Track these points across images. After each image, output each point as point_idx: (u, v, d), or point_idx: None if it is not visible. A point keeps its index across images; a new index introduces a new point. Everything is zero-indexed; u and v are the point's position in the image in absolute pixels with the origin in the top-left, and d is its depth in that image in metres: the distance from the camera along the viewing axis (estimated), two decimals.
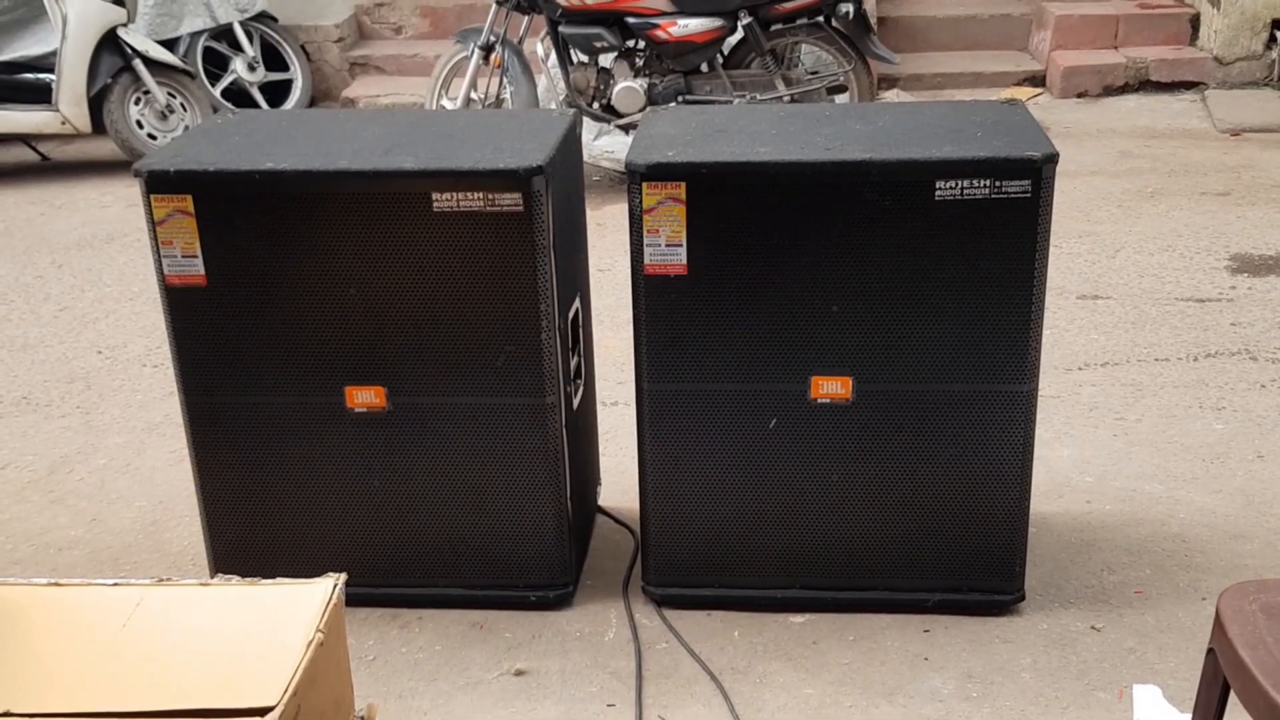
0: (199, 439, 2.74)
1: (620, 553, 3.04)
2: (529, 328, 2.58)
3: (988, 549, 2.70)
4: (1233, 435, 3.52)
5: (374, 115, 3.02)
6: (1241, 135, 6.44)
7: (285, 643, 1.73)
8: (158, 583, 1.89)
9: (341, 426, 2.68)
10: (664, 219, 2.49)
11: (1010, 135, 2.54)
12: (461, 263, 2.54)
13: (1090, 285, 4.61)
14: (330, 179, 2.50)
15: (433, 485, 2.72)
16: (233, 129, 2.81)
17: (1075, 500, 3.22)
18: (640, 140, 2.62)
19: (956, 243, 2.47)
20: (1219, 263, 4.77)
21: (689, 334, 2.58)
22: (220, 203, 2.54)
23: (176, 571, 3.01)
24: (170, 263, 2.58)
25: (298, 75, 7.57)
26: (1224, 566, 2.91)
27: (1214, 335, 4.16)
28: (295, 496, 2.76)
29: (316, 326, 2.61)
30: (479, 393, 2.64)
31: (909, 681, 2.58)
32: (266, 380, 2.66)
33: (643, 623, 2.78)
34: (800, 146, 2.54)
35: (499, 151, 2.55)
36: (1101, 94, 7.24)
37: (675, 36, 5.76)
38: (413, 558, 2.80)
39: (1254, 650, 1.72)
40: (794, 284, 2.52)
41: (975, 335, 2.53)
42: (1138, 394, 3.78)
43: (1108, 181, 5.78)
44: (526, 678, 2.63)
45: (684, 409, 2.64)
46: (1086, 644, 2.67)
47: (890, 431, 2.62)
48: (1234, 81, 7.19)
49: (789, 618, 2.77)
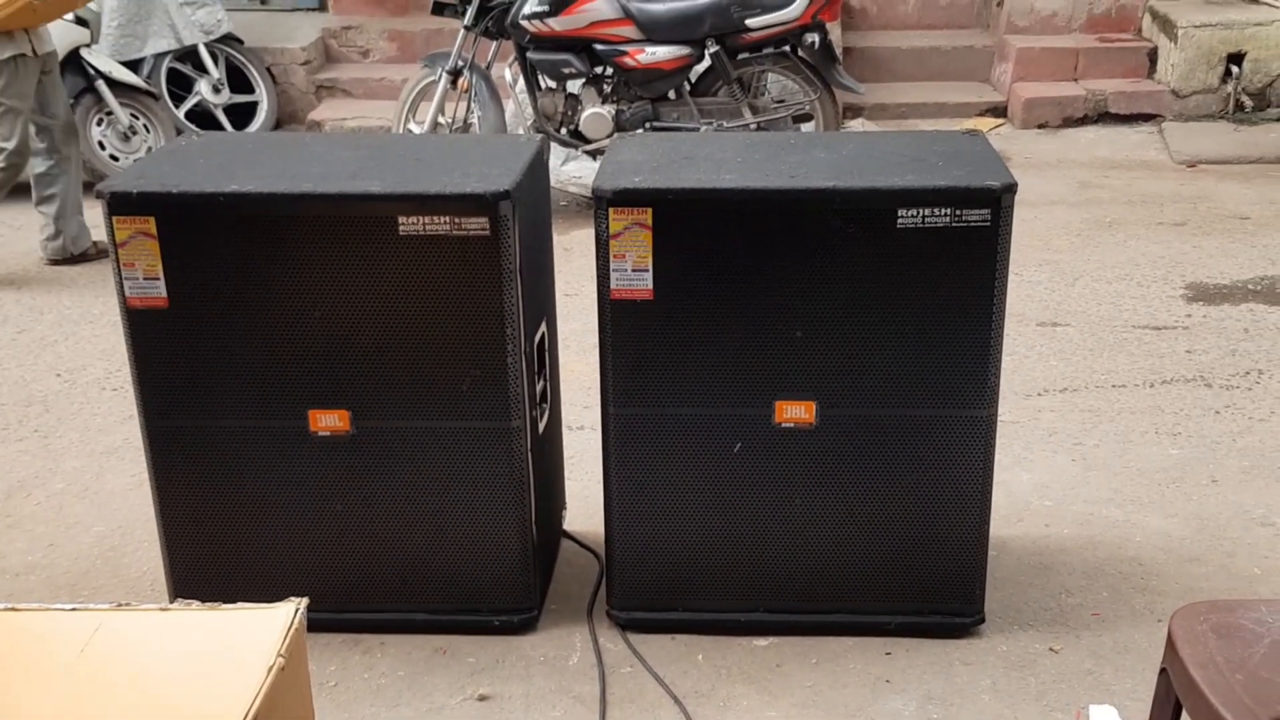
0: (159, 463, 2.71)
1: (585, 577, 3.04)
2: (495, 352, 2.58)
3: (948, 572, 2.73)
4: (1187, 460, 3.57)
5: (340, 139, 3.03)
6: (1198, 167, 6.55)
7: (245, 668, 1.71)
8: (116, 608, 1.87)
9: (304, 450, 2.67)
10: (630, 244, 2.51)
11: (971, 165, 2.58)
12: (427, 287, 2.54)
13: (1049, 312, 4.66)
14: (295, 202, 2.50)
15: (396, 509, 2.72)
16: (197, 151, 2.81)
17: (1034, 524, 3.25)
18: (607, 166, 2.64)
19: (918, 270, 2.50)
20: (1175, 291, 4.84)
21: (654, 358, 2.59)
22: (183, 225, 2.53)
23: (135, 597, 2.98)
24: (132, 285, 2.56)
25: (263, 98, 7.54)
26: (1179, 589, 2.95)
27: (1169, 362, 4.22)
28: (256, 521, 2.74)
29: (280, 350, 2.60)
30: (444, 416, 2.64)
31: (871, 704, 2.59)
32: (228, 404, 2.65)
33: (607, 647, 2.79)
34: (765, 174, 2.57)
35: (466, 176, 2.56)
36: (1062, 125, 7.34)
37: (643, 64, 5.80)
38: (376, 582, 2.79)
39: (1205, 670, 1.75)
40: (758, 309, 2.55)
41: (936, 361, 2.56)
42: (1095, 420, 3.83)
43: (1067, 211, 5.86)
44: (490, 703, 2.62)
45: (649, 433, 2.65)
46: (1045, 666, 2.70)
47: (853, 456, 2.64)
48: (1190, 114, 7.31)
49: (753, 641, 2.78)
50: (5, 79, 4.91)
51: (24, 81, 5.00)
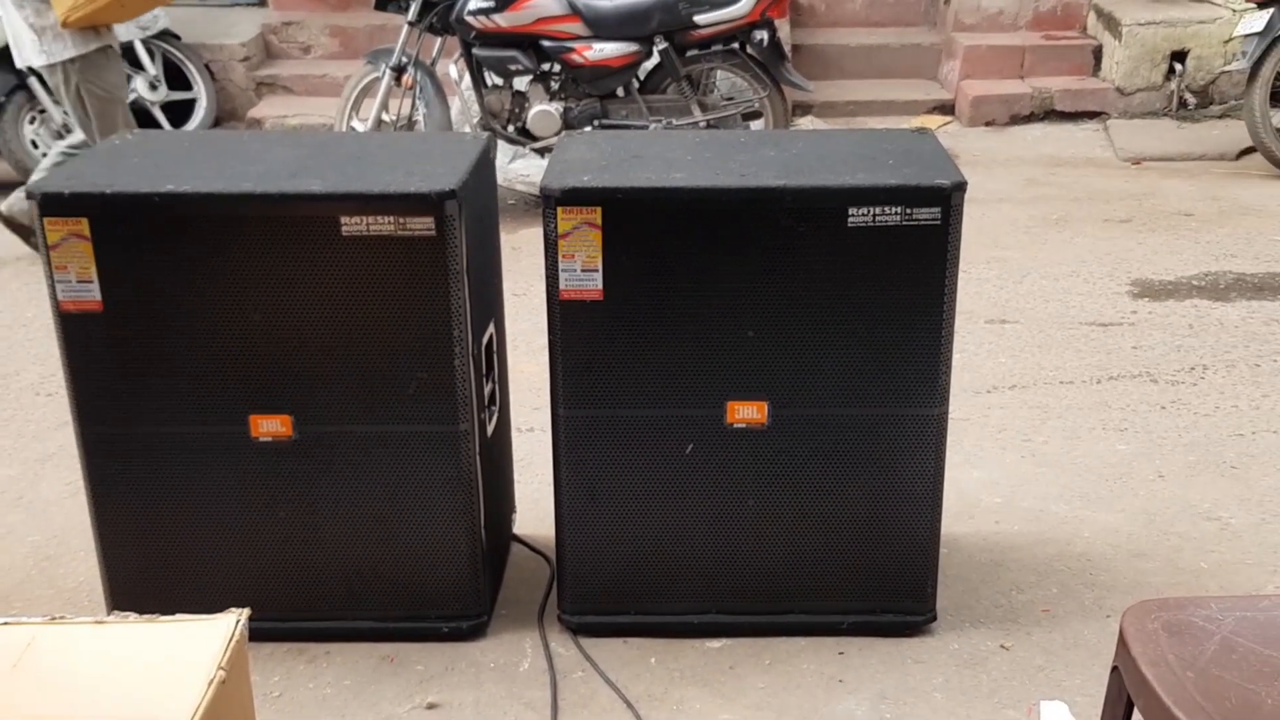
0: (95, 470, 2.65)
1: (536, 581, 3.01)
2: (442, 354, 2.54)
3: (900, 571, 2.72)
4: (1135, 455, 3.59)
5: (281, 136, 2.97)
6: (1142, 164, 6.62)
7: (185, 682, 1.67)
8: (50, 621, 1.83)
9: (246, 456, 2.61)
10: (579, 244, 2.47)
11: (920, 163, 2.57)
12: (372, 288, 2.50)
13: (998, 310, 4.69)
14: (234, 202, 2.44)
15: (342, 516, 2.67)
16: (132, 150, 2.74)
17: (985, 521, 3.26)
18: (555, 164, 2.61)
19: (868, 268, 2.49)
20: (1121, 288, 4.88)
21: (605, 359, 2.56)
22: (118, 226, 2.46)
23: (72, 608, 2.91)
24: (64, 288, 2.49)
25: (202, 95, 7.42)
26: (1127, 584, 2.97)
27: (1116, 358, 4.25)
28: (196, 529, 2.68)
29: (219, 354, 2.54)
30: (390, 420, 2.59)
31: (824, 704, 2.58)
32: (166, 409, 2.59)
33: (558, 652, 2.75)
34: (715, 172, 2.54)
35: (410, 175, 2.52)
36: (1009, 123, 7.40)
37: (591, 61, 5.77)
38: (321, 590, 2.73)
39: (1156, 668, 1.75)
40: (709, 309, 2.52)
41: (887, 359, 2.55)
42: (1044, 416, 3.85)
43: (1015, 209, 5.90)
44: (439, 711, 2.58)
45: (600, 435, 2.62)
46: (996, 663, 2.70)
47: (805, 456, 2.63)
48: (1135, 111, 7.39)
49: (706, 643, 2.76)
50: (97, 70, 4.84)
51: (116, 72, 4.97)
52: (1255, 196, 5.99)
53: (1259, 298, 4.75)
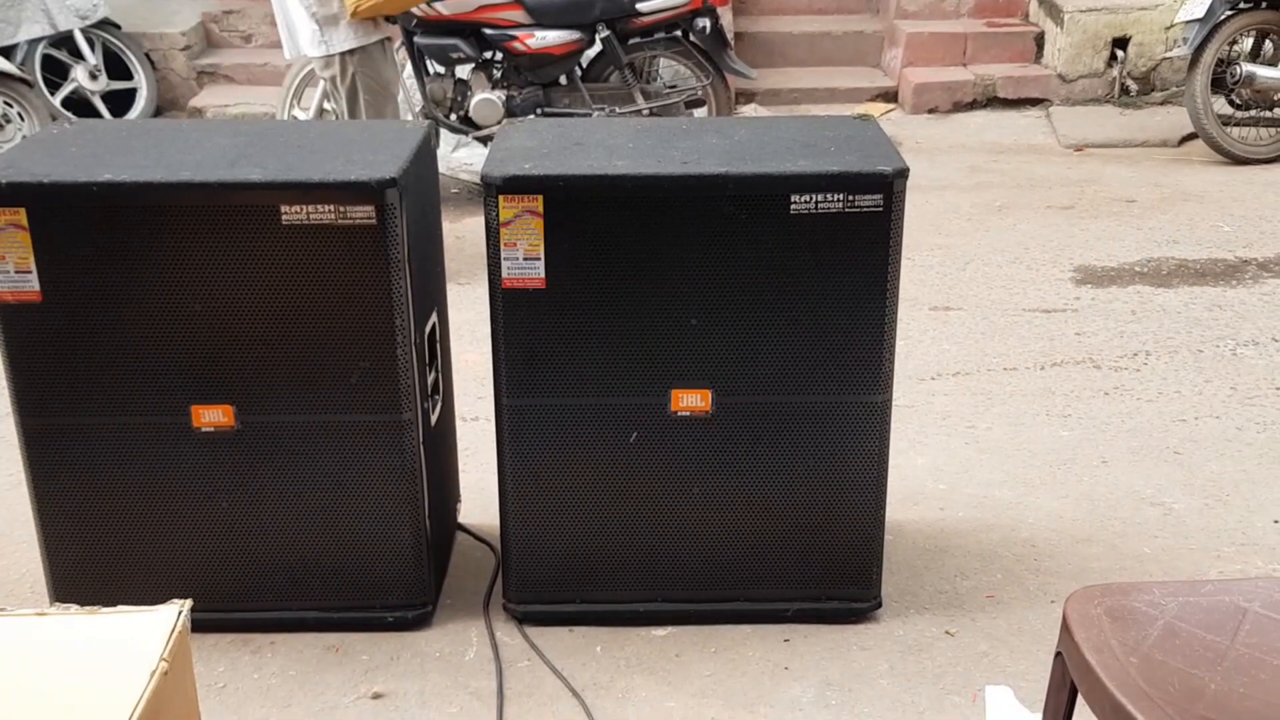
0: (35, 462, 2.61)
1: (481, 570, 3.00)
2: (384, 343, 2.53)
3: (845, 558, 2.74)
4: (1078, 442, 3.63)
5: (220, 125, 2.94)
6: (1084, 150, 6.69)
7: (127, 674, 1.66)
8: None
9: (187, 447, 2.59)
10: (521, 232, 2.46)
11: (863, 150, 2.58)
12: (312, 277, 2.48)
13: (941, 297, 4.72)
14: (172, 191, 2.42)
15: (285, 506, 2.65)
16: (70, 139, 2.70)
17: (929, 507, 3.29)
18: (497, 152, 2.60)
19: (811, 255, 2.49)
20: (1064, 274, 4.94)
21: (548, 348, 2.56)
22: (56, 216, 2.43)
23: (13, 600, 2.88)
24: (2, 278, 2.46)
25: (142, 84, 7.32)
26: (1071, 570, 3.00)
27: (1060, 345, 4.30)
28: (139, 520, 2.65)
29: (160, 344, 2.52)
30: (332, 410, 2.57)
31: (770, 691, 2.59)
32: (107, 400, 2.56)
33: (504, 641, 2.75)
34: (657, 160, 2.54)
35: (350, 163, 2.50)
36: (951, 110, 7.45)
37: (533, 49, 5.74)
38: (265, 580, 2.71)
39: (1099, 654, 1.77)
40: (653, 297, 2.52)
41: (831, 346, 2.56)
42: (988, 402, 3.88)
43: (958, 195, 5.95)
44: (384, 700, 2.57)
45: (544, 424, 2.62)
46: (941, 649, 2.72)
47: (749, 443, 2.64)
48: (1077, 98, 7.47)
49: (651, 631, 2.77)
50: (375, 63, 4.74)
51: (391, 65, 4.87)
52: (1197, 182, 6.07)
53: (1201, 284, 4.82)
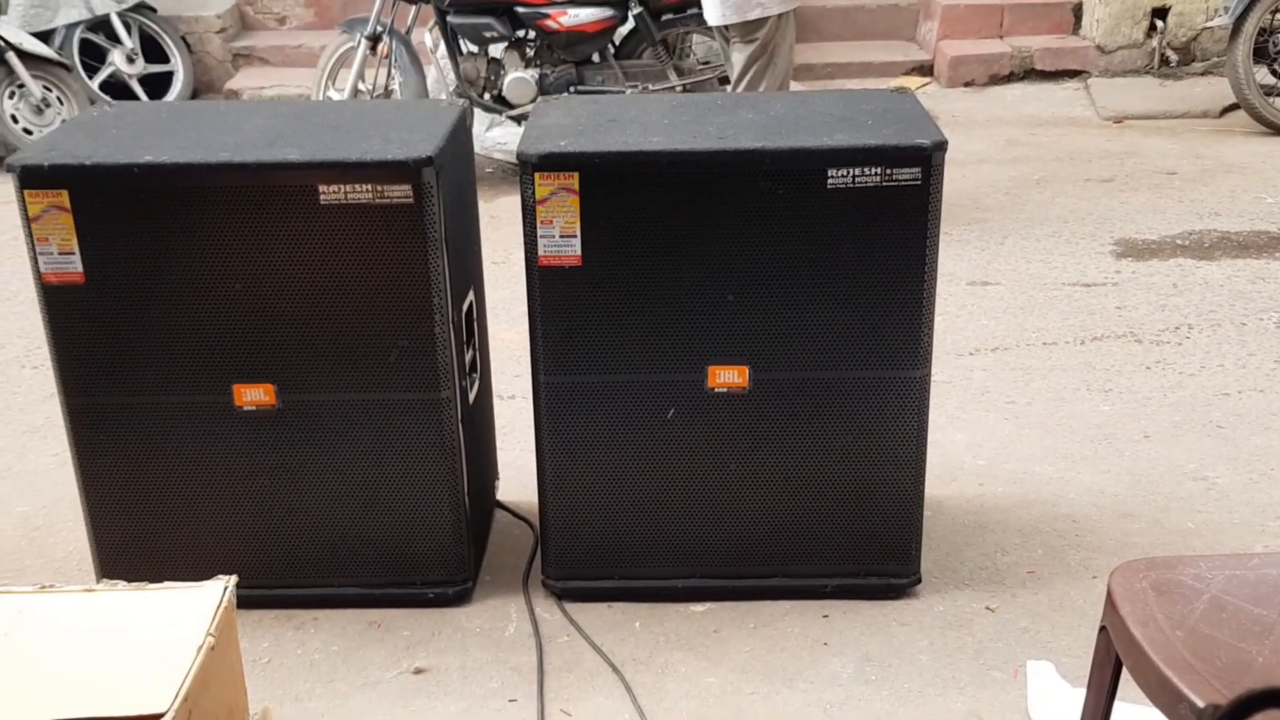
0: (81, 441, 2.65)
1: (520, 547, 3.01)
2: (422, 322, 2.54)
3: (884, 533, 2.73)
4: (1120, 416, 3.60)
5: (258, 106, 2.95)
6: (1124, 122, 6.61)
7: (175, 648, 1.69)
8: (40, 590, 1.84)
9: (230, 425, 2.61)
10: (557, 210, 2.47)
11: (900, 124, 2.56)
12: (351, 256, 2.49)
13: (980, 271, 4.69)
14: (212, 172, 2.43)
15: (326, 483, 2.67)
16: (110, 122, 2.72)
17: (968, 483, 3.27)
18: (532, 130, 2.60)
19: (849, 230, 2.48)
20: (1104, 248, 4.89)
21: (585, 326, 2.56)
22: (98, 198, 2.45)
23: (61, 577, 2.91)
24: (46, 260, 2.48)
25: (179, 67, 7.36)
26: (1113, 545, 2.98)
27: (1100, 319, 4.26)
28: (183, 498, 2.68)
29: (202, 324, 2.54)
30: (372, 389, 2.59)
31: (809, 666, 2.59)
32: (150, 380, 2.58)
33: (543, 617, 2.76)
34: (693, 136, 2.53)
35: (387, 142, 2.50)
36: (988, 83, 7.38)
37: (566, 26, 5.72)
38: (307, 557, 2.74)
39: (1145, 627, 1.75)
40: (689, 273, 2.52)
41: (869, 322, 2.55)
42: (1027, 377, 3.85)
43: (995, 169, 5.89)
44: (426, 675, 2.59)
45: (581, 401, 2.62)
46: (982, 624, 2.71)
47: (787, 419, 2.63)
48: (1116, 70, 7.38)
49: (689, 607, 2.78)
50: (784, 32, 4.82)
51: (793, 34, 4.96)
52: (1239, 154, 5.99)
53: (1243, 256, 4.76)
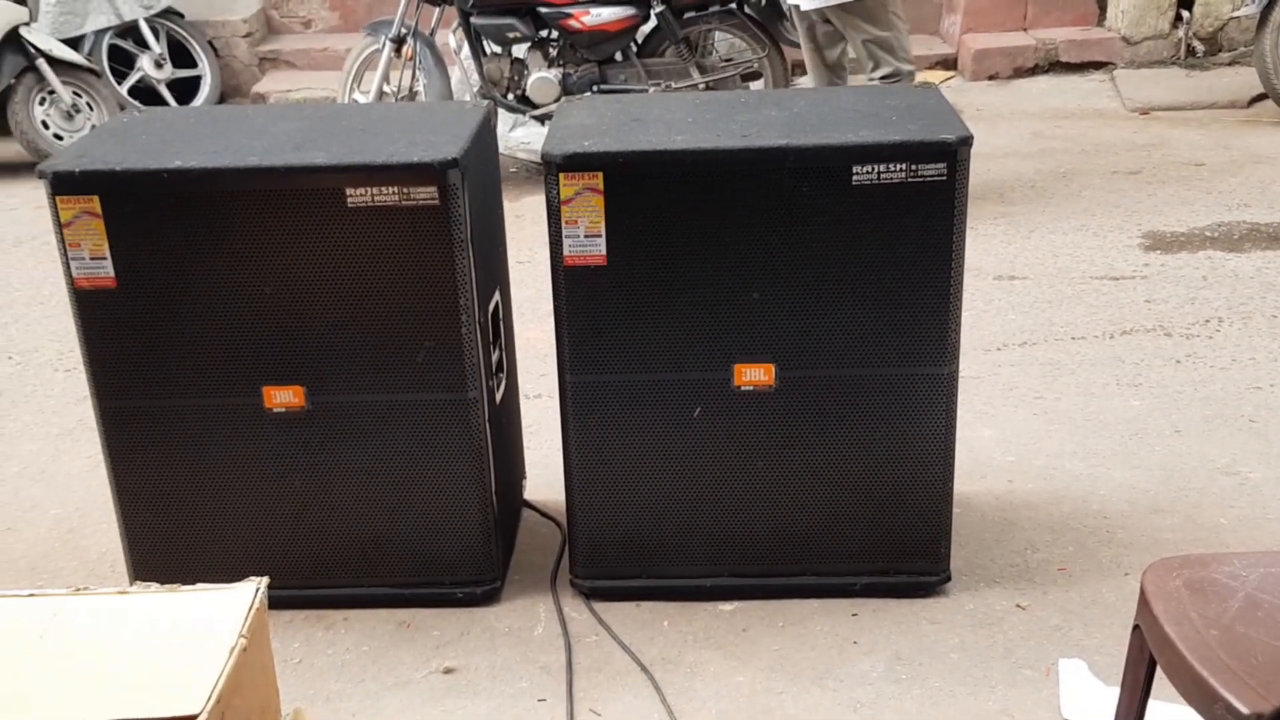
0: (114, 444, 2.67)
1: (548, 546, 3.02)
2: (449, 322, 2.55)
3: (913, 531, 2.72)
4: (1150, 411, 3.58)
5: (285, 110, 2.97)
6: (1151, 114, 6.57)
7: (208, 649, 1.70)
8: (75, 592, 1.85)
9: (260, 427, 2.63)
10: (582, 209, 2.47)
11: (925, 119, 2.55)
12: (378, 258, 2.50)
13: (1006, 266, 4.67)
14: (240, 176, 2.45)
15: (355, 484, 2.69)
16: (140, 127, 2.75)
17: (997, 480, 3.26)
18: (556, 130, 2.60)
19: (874, 227, 2.48)
20: (1132, 241, 4.86)
21: (610, 325, 2.56)
22: (128, 203, 2.47)
23: (95, 579, 2.94)
24: (78, 265, 2.51)
25: (206, 71, 7.42)
26: (1145, 542, 2.95)
27: (1129, 312, 4.23)
28: (214, 500, 2.70)
29: (231, 326, 2.56)
30: (400, 389, 2.60)
31: (838, 665, 2.59)
32: (182, 382, 2.60)
33: (572, 616, 2.77)
34: (717, 134, 2.53)
35: (413, 145, 2.51)
36: (1012, 76, 7.34)
37: (588, 26, 5.73)
38: (337, 558, 2.76)
39: (1179, 626, 1.74)
40: (714, 272, 2.52)
41: (895, 318, 2.54)
42: (1056, 373, 3.83)
43: (1020, 162, 5.86)
44: (455, 675, 2.61)
45: (607, 400, 2.63)
46: (1012, 622, 2.70)
47: (814, 417, 2.63)
48: (1142, 61, 7.32)
49: (718, 606, 2.78)
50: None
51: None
52: (1268, 144, 5.94)
53: (1274, 248, 4.71)
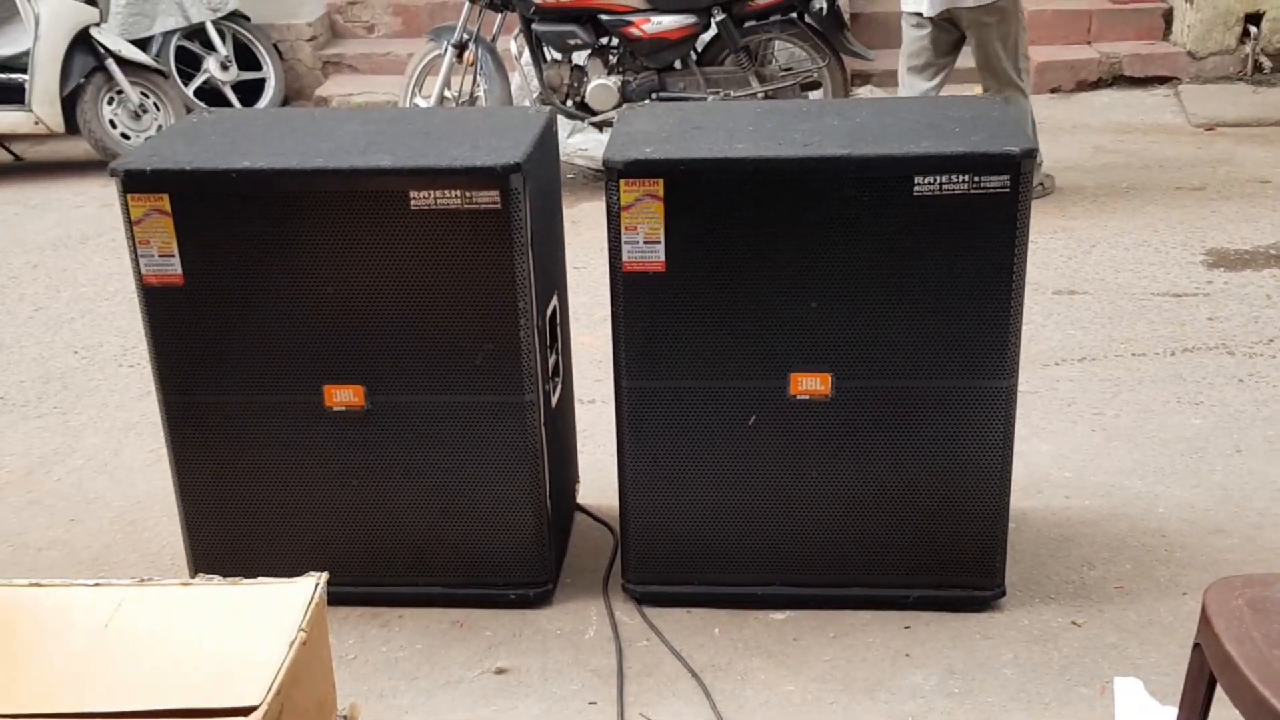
0: (177, 439, 2.72)
1: (600, 550, 3.03)
2: (507, 325, 2.57)
3: (968, 545, 2.71)
4: (1211, 430, 3.53)
5: (350, 113, 3.01)
6: (1216, 130, 6.48)
7: (268, 642, 1.71)
8: (139, 583, 1.88)
9: (320, 425, 2.66)
10: (642, 216, 2.48)
11: (989, 130, 2.54)
12: (439, 261, 2.53)
13: (1066, 280, 4.62)
14: (307, 177, 2.49)
15: (412, 484, 2.71)
16: (209, 128, 2.79)
17: (1054, 496, 3.23)
18: (617, 137, 2.62)
19: (935, 238, 2.47)
20: (1195, 257, 4.79)
21: (667, 331, 2.57)
22: (197, 202, 2.52)
23: (156, 571, 2.99)
24: (147, 262, 2.55)
25: (270, 74, 7.52)
26: (1204, 561, 2.92)
27: (1191, 330, 4.18)
28: (274, 496, 2.74)
29: (294, 325, 2.59)
30: (458, 391, 2.63)
31: (890, 678, 2.58)
32: (244, 379, 2.64)
33: (623, 620, 2.78)
34: (778, 142, 2.53)
35: (476, 149, 2.54)
36: (1075, 89, 7.27)
37: (649, 34, 5.75)
38: (392, 556, 2.79)
39: (1241, 645, 1.72)
40: (773, 280, 2.52)
41: (955, 331, 2.53)
42: (1115, 389, 3.79)
43: (1082, 176, 5.81)
44: (507, 676, 2.62)
45: (663, 406, 2.63)
46: (1068, 639, 2.67)
47: (870, 428, 2.62)
48: (1208, 76, 7.23)
49: (769, 614, 2.77)
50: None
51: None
52: None
53: None
